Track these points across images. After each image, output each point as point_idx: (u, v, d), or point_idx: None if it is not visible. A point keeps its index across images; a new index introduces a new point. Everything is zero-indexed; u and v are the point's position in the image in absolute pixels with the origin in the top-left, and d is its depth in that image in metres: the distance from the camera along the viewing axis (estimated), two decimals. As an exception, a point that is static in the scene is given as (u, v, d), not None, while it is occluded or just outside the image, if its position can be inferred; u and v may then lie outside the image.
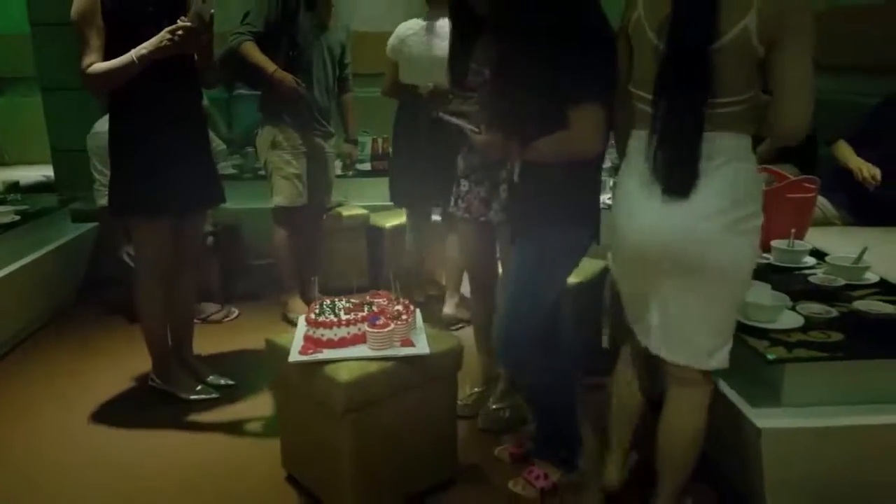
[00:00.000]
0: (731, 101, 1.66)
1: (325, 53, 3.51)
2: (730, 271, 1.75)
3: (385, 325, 2.12)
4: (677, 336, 1.84)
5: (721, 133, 1.68)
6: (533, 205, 2.06)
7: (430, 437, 2.25)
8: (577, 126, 1.88)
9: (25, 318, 3.56)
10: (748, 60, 1.64)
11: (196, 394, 2.91)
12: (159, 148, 2.59)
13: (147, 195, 2.61)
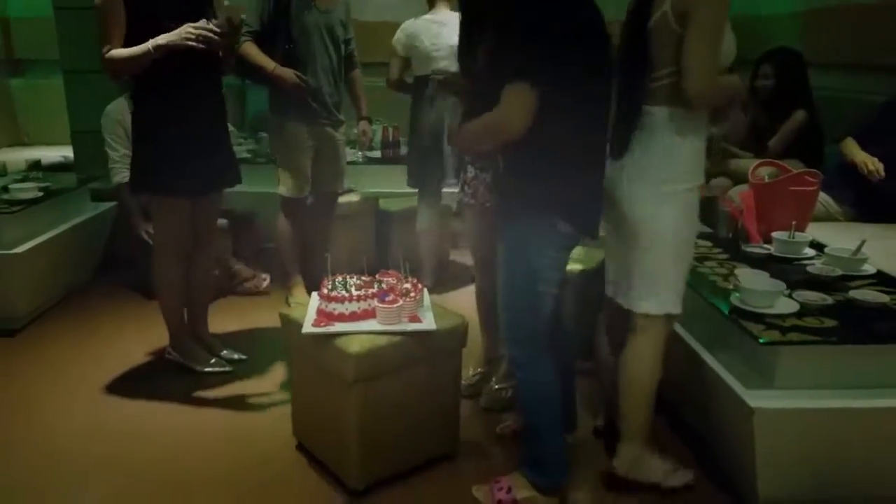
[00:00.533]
0: (664, 75, 1.96)
1: (325, 38, 3.47)
2: (659, 231, 2.04)
3: (394, 301, 2.21)
4: (624, 283, 2.14)
5: (653, 107, 1.99)
6: (507, 194, 2.11)
7: (434, 410, 2.34)
8: (501, 104, 1.87)
9: (45, 292, 3.66)
10: (670, 38, 1.92)
11: (210, 366, 3.01)
12: (181, 130, 2.68)
13: (167, 176, 2.69)
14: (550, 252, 2.01)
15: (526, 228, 2.01)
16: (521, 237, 2.03)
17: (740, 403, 2.04)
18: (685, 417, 2.59)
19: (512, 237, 2.06)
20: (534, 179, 1.97)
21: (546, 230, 1.99)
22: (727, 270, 2.52)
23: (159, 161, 2.68)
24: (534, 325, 2.06)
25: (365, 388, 2.15)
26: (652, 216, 2.04)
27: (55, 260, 3.68)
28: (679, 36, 1.90)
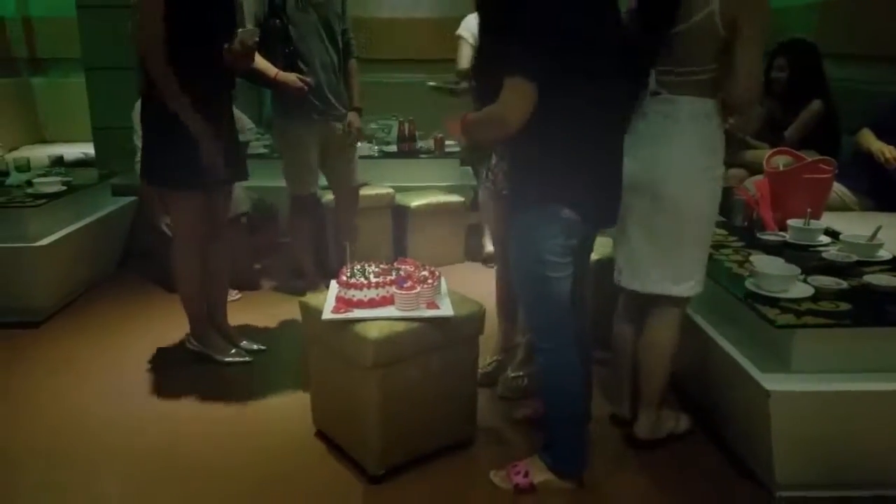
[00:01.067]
0: (697, 70, 2.05)
1: (323, 34, 3.46)
2: (689, 212, 2.13)
3: (412, 288, 2.24)
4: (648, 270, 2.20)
5: (683, 97, 2.08)
6: (512, 184, 2.14)
7: (451, 396, 2.37)
8: (500, 97, 1.88)
9: (67, 285, 3.73)
10: (712, 38, 2.01)
11: (230, 356, 3.06)
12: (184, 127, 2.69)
13: (182, 170, 2.73)
14: (558, 240, 2.01)
15: (531, 218, 2.02)
16: (527, 226, 2.04)
17: (756, 387, 2.05)
18: (701, 402, 2.61)
19: (518, 226, 2.07)
20: (536, 169, 1.99)
21: (551, 218, 1.99)
22: (742, 258, 2.53)
23: (176, 155, 2.72)
24: (549, 311, 2.08)
25: (383, 374, 2.18)
26: (695, 203, 2.14)
27: (77, 253, 3.74)
28: (724, 39, 2.00)
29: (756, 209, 2.86)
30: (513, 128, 1.89)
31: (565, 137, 1.93)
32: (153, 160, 2.80)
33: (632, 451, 2.41)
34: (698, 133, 2.10)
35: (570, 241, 2.04)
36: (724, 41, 2.00)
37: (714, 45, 2.02)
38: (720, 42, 2.01)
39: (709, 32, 2.00)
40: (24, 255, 3.38)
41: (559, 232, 2.00)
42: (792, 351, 2.06)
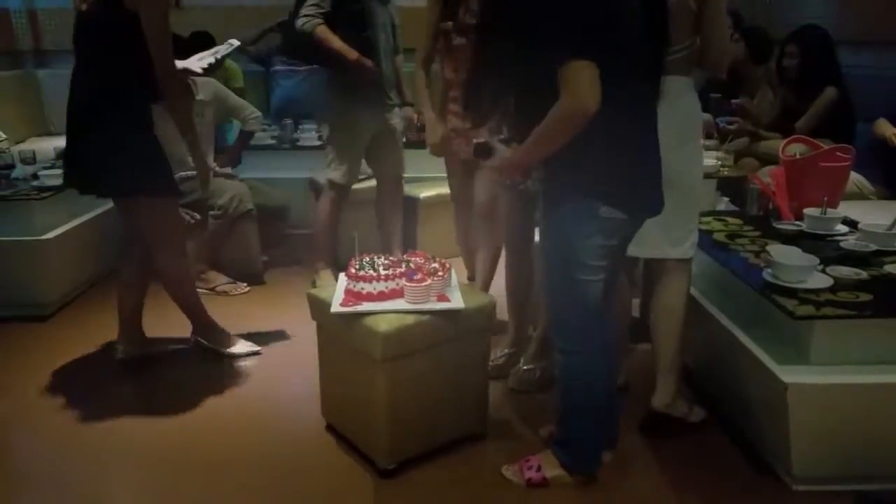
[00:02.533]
0: (676, 49, 2.17)
1: (386, 24, 3.49)
2: (679, 179, 2.17)
3: (422, 280, 2.20)
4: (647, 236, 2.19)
5: (668, 77, 2.17)
6: (549, 180, 2.04)
7: (462, 389, 2.33)
8: (567, 88, 1.76)
9: (74, 278, 3.71)
10: (687, 16, 2.16)
11: (238, 348, 3.04)
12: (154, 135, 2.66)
13: (164, 176, 2.69)
14: (594, 240, 1.92)
15: (566, 215, 1.94)
16: (561, 223, 1.97)
17: (774, 379, 2.01)
18: (718, 395, 2.57)
19: (554, 224, 2.00)
20: (574, 163, 1.89)
21: (587, 216, 1.90)
22: (759, 247, 2.48)
23: (161, 162, 2.67)
24: (577, 314, 2.01)
25: (393, 368, 2.15)
26: (687, 170, 2.25)
27: (84, 246, 3.72)
28: (695, 14, 2.16)
29: (772, 198, 2.81)
30: (592, 113, 1.74)
31: (605, 128, 1.80)
32: (150, 169, 2.63)
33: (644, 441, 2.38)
34: (679, 108, 2.20)
35: (609, 242, 1.95)
36: (696, 16, 2.17)
37: (689, 22, 2.17)
38: (693, 18, 2.17)
39: (683, 11, 2.15)
40: (31, 249, 3.36)
41: (596, 231, 1.92)
42: (811, 343, 2.03)
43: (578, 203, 1.91)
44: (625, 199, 1.91)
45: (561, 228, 1.97)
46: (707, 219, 2.81)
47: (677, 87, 2.20)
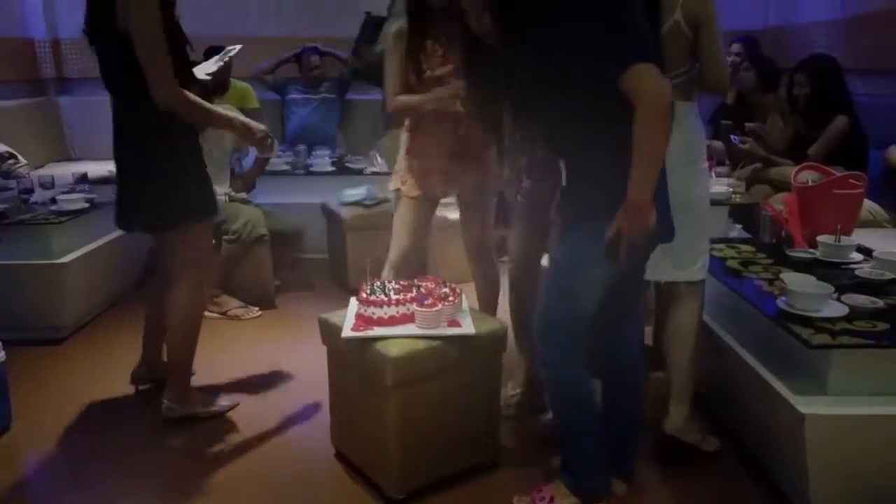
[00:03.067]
0: (673, 75, 2.13)
1: None
2: (686, 202, 2.18)
3: (433, 305, 2.20)
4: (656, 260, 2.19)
5: (678, 101, 2.11)
6: (573, 203, 2.03)
7: (474, 417, 2.31)
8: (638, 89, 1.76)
9: (90, 302, 3.74)
10: (682, 42, 2.19)
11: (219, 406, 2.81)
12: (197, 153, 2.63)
13: (205, 197, 2.63)
14: (607, 265, 1.89)
15: (584, 234, 1.92)
16: (578, 244, 1.96)
17: (790, 410, 1.98)
18: (733, 424, 2.54)
19: (568, 245, 1.99)
20: (602, 183, 1.90)
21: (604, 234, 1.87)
22: (772, 275, 2.46)
23: (195, 186, 2.59)
24: (567, 326, 1.99)
25: (404, 393, 2.14)
26: (693, 193, 2.27)
27: (100, 269, 3.75)
28: (691, 41, 2.19)
29: (784, 225, 2.80)
30: (666, 107, 1.77)
31: (624, 146, 1.80)
32: (175, 199, 2.54)
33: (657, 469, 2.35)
34: (683, 132, 2.18)
35: (619, 266, 1.91)
36: (691, 42, 2.20)
37: (684, 48, 2.20)
38: (689, 44, 2.20)
39: (678, 38, 2.18)
40: (48, 272, 3.39)
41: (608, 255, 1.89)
42: (828, 372, 1.99)
43: (597, 224, 1.88)
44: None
45: (575, 248, 1.97)
46: (720, 246, 2.80)
47: (679, 112, 2.14)
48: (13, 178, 4.40)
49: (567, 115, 1.94)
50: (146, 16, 2.30)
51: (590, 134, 1.90)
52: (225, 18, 5.65)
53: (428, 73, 2.61)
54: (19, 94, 5.58)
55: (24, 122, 5.39)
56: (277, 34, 5.76)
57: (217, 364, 3.14)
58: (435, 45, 2.62)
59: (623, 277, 2.00)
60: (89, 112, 5.66)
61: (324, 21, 5.82)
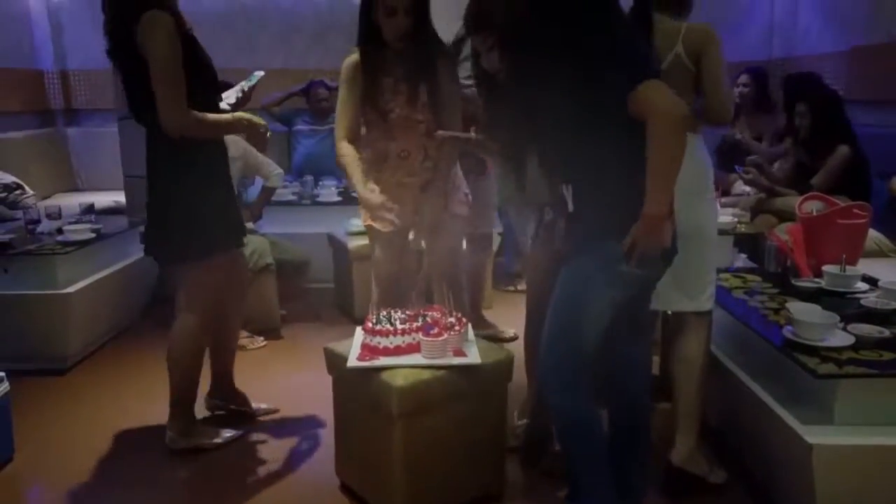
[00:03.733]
0: None
1: None
2: (693, 232, 2.19)
3: (439, 335, 2.20)
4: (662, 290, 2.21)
5: None
6: (582, 228, 2.00)
7: (479, 447, 2.30)
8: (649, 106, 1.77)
9: (95, 332, 3.74)
10: (684, 76, 2.20)
11: (222, 438, 2.77)
12: (221, 184, 2.63)
13: (221, 230, 2.61)
14: (613, 291, 1.91)
15: (587, 261, 1.92)
16: (584, 268, 1.94)
17: (797, 440, 1.97)
18: (740, 454, 2.52)
19: (573, 270, 1.97)
20: (611, 207, 1.89)
21: (609, 265, 1.87)
22: (778, 304, 2.46)
23: (211, 219, 2.56)
24: (569, 363, 1.97)
25: (409, 423, 2.13)
26: (700, 223, 2.27)
27: (105, 300, 3.76)
28: (693, 73, 2.21)
29: (790, 255, 2.80)
30: (686, 112, 1.83)
31: (630, 170, 1.82)
32: (190, 231, 2.53)
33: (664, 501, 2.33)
34: (689, 163, 2.11)
35: (627, 293, 1.94)
36: (695, 75, 2.21)
37: (688, 80, 2.21)
38: (692, 77, 2.21)
39: (680, 71, 2.19)
40: (53, 303, 3.39)
41: (611, 284, 1.90)
42: (835, 402, 1.98)
43: (605, 249, 1.88)
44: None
45: (582, 273, 1.94)
46: (725, 275, 2.80)
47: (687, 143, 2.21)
48: (20, 208, 4.45)
49: (575, 141, 1.93)
50: (159, 39, 2.32)
51: (598, 158, 1.89)
52: (235, 51, 5.73)
53: (393, 114, 2.58)
54: (27, 125, 5.66)
55: (32, 153, 5.46)
56: (286, 66, 5.84)
57: (221, 394, 3.12)
58: (396, 83, 2.57)
59: (631, 302, 1.99)
60: (97, 143, 5.74)
61: (332, 54, 5.90)
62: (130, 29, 2.34)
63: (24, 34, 5.78)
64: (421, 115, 2.60)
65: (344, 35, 5.81)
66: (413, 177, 2.68)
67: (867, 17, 4.43)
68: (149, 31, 2.32)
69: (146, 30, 2.32)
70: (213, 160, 2.60)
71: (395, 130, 2.63)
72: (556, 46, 1.89)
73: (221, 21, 5.77)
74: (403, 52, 2.53)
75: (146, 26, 2.32)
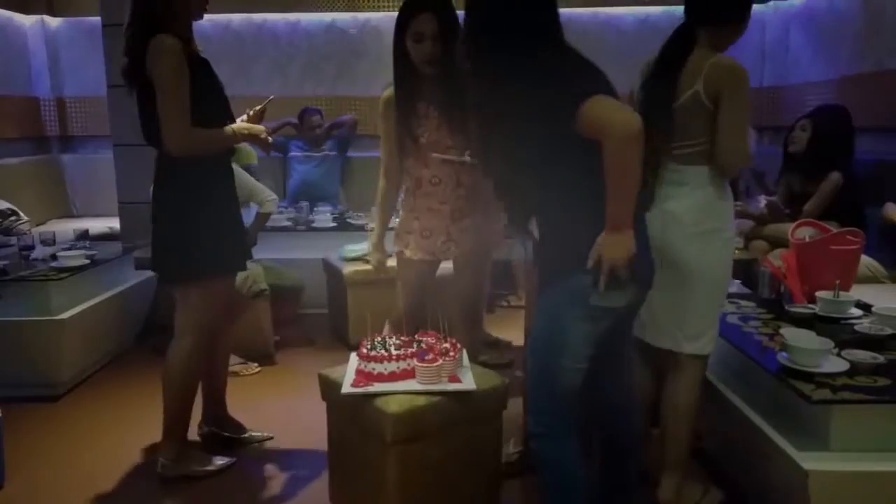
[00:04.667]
0: (692, 143, 2.17)
1: None
2: (697, 270, 2.18)
3: (434, 361, 2.20)
4: (662, 326, 2.25)
5: (688, 167, 2.19)
6: (548, 259, 1.96)
7: (474, 474, 2.29)
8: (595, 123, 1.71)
9: (88, 358, 3.72)
10: (701, 113, 2.15)
11: (214, 465, 2.75)
12: (223, 205, 2.64)
13: (222, 252, 2.62)
14: (584, 325, 1.84)
15: (553, 293, 1.88)
16: (552, 304, 1.89)
17: (794, 466, 1.96)
18: (736, 479, 2.50)
19: (544, 304, 1.92)
20: (573, 237, 1.83)
21: (579, 298, 1.81)
22: (772, 330, 2.47)
23: (213, 240, 2.57)
24: (552, 401, 1.90)
25: (404, 450, 2.12)
26: (706, 261, 2.21)
27: (99, 326, 3.75)
28: (711, 112, 2.13)
29: (783, 281, 2.81)
30: (639, 124, 1.69)
31: (593, 201, 1.76)
32: (188, 252, 2.55)
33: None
34: (698, 197, 2.20)
35: (600, 326, 1.86)
36: (712, 115, 2.14)
37: (704, 118, 2.15)
38: (709, 115, 2.14)
39: (697, 107, 2.14)
40: (46, 329, 3.38)
41: (585, 318, 1.83)
42: (830, 428, 1.98)
43: (571, 281, 1.83)
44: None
45: (550, 308, 1.90)
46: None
47: (698, 177, 2.19)
48: (14, 234, 4.44)
49: (534, 171, 1.88)
50: (164, 63, 2.36)
51: (558, 187, 1.85)
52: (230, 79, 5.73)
53: (423, 139, 2.58)
54: (23, 152, 5.68)
55: (28, 180, 5.47)
56: (282, 93, 5.90)
57: (215, 421, 3.10)
58: (428, 108, 2.59)
59: (610, 337, 1.92)
60: (92, 169, 5.76)
61: (326, 81, 5.98)
62: (142, 52, 2.38)
63: (21, 61, 5.82)
64: (451, 140, 2.58)
65: (337, 64, 5.94)
66: (445, 204, 2.65)
67: (857, 46, 4.50)
68: (156, 55, 2.36)
69: (153, 54, 2.36)
70: (219, 183, 2.62)
71: (427, 156, 2.62)
72: (502, 76, 1.86)
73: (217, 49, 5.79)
74: (435, 78, 2.54)
75: (153, 50, 2.36)
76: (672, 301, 2.22)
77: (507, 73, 1.84)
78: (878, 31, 4.31)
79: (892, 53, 4.19)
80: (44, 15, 5.93)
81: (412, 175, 2.69)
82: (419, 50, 2.49)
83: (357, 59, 5.92)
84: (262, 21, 5.93)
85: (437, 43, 2.47)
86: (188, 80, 2.40)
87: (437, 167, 2.62)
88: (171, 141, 2.41)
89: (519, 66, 1.82)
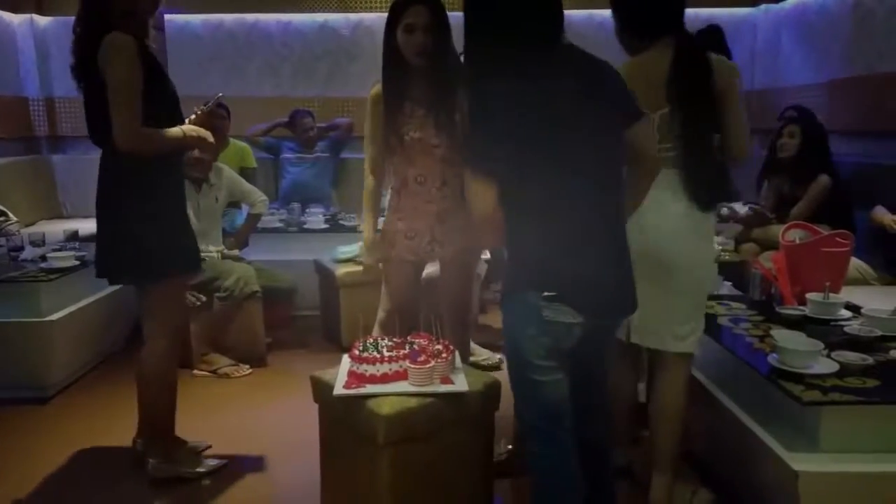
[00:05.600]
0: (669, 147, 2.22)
1: None
2: (684, 269, 2.23)
3: (426, 362, 2.19)
4: (649, 326, 2.28)
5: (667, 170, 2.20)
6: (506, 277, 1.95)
7: (467, 474, 2.29)
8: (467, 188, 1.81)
9: (78, 360, 3.70)
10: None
11: (205, 467, 2.74)
12: (181, 205, 2.62)
13: (178, 254, 2.58)
14: (542, 341, 1.78)
15: (512, 310, 1.85)
16: (509, 321, 1.86)
17: (783, 467, 1.98)
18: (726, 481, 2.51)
19: (504, 321, 1.89)
20: (515, 258, 1.84)
21: (530, 315, 1.77)
22: (762, 332, 2.48)
23: (167, 240, 2.53)
24: (531, 412, 1.89)
25: (396, 452, 2.12)
26: (697, 261, 2.27)
27: (89, 328, 3.73)
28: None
29: (774, 283, 2.83)
30: (481, 217, 1.78)
31: (538, 223, 1.77)
32: (151, 252, 2.50)
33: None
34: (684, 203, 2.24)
35: (561, 345, 1.80)
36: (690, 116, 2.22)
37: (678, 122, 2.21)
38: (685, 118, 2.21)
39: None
40: (35, 330, 3.36)
41: (541, 333, 1.77)
42: (820, 429, 1.99)
43: (522, 300, 1.80)
44: (571, 296, 1.75)
45: (508, 325, 1.87)
46: (710, 303, 2.81)
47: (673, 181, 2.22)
48: (3, 235, 4.41)
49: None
50: (118, 62, 2.32)
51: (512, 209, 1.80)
52: (224, 79, 5.79)
53: (408, 136, 2.55)
54: (12, 152, 5.63)
55: (17, 180, 5.42)
56: (274, 94, 5.90)
57: (206, 423, 3.10)
58: (414, 107, 2.56)
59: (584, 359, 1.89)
60: (81, 170, 5.70)
61: (318, 82, 5.98)
62: (94, 49, 2.34)
63: (10, 60, 5.77)
64: (437, 139, 2.54)
65: (330, 64, 5.93)
66: (430, 203, 2.61)
67: (847, 49, 4.54)
68: (109, 53, 2.32)
69: (107, 51, 2.32)
70: (167, 185, 2.55)
71: (412, 154, 2.58)
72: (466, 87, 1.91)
73: (209, 50, 5.82)
74: (424, 74, 2.52)
75: (107, 48, 2.32)
76: (658, 301, 2.23)
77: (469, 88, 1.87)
78: (867, 35, 4.35)
79: (882, 57, 4.23)
80: (33, 14, 5.88)
81: (397, 173, 2.67)
82: (410, 41, 2.47)
83: (349, 60, 5.93)
84: (254, 21, 5.92)
85: (429, 34, 2.45)
86: (141, 80, 2.36)
87: (422, 165, 2.59)
88: (121, 140, 2.34)
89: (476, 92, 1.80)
